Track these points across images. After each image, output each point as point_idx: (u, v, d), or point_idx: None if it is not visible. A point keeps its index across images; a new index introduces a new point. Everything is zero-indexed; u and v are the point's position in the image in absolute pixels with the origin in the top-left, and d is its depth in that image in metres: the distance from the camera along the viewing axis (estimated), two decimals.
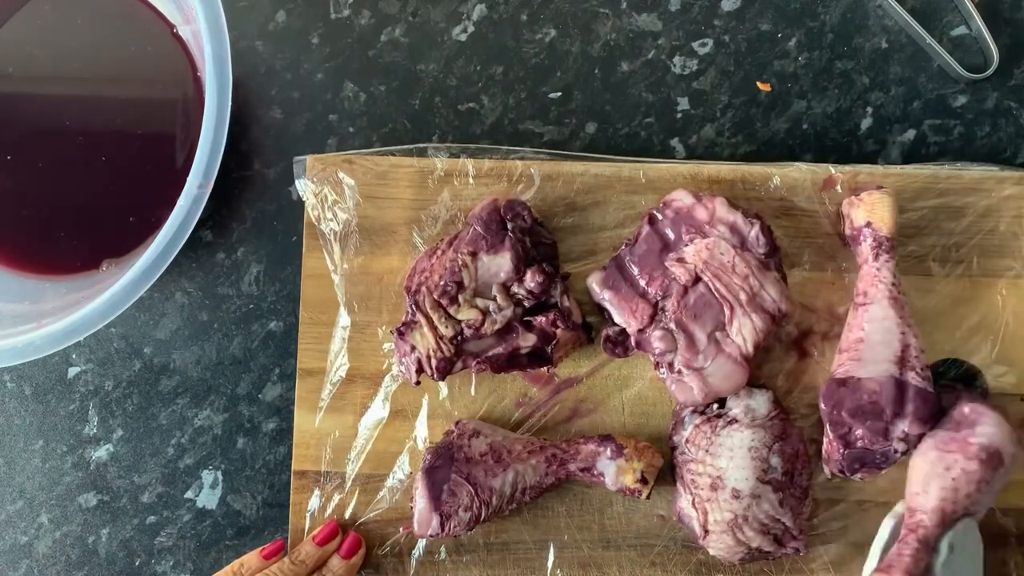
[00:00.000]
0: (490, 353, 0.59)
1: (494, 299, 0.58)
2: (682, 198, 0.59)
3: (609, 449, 0.58)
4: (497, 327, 0.58)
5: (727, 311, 0.57)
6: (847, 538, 0.60)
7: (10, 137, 0.65)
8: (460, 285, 0.58)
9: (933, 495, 0.54)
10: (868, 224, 0.58)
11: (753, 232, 0.58)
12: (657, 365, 0.59)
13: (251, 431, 0.65)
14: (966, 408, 0.55)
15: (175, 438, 0.66)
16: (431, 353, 0.58)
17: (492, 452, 0.58)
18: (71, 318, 0.57)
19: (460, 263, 0.58)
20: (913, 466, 0.56)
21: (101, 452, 0.66)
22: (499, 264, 0.58)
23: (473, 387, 0.62)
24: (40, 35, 0.65)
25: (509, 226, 0.59)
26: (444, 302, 0.58)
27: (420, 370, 0.58)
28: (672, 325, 0.58)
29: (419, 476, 0.58)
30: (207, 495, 0.65)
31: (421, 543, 0.61)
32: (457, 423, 0.60)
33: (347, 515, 0.61)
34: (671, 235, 0.59)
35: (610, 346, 0.61)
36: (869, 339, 0.57)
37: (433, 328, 0.58)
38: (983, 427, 0.54)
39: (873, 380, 0.56)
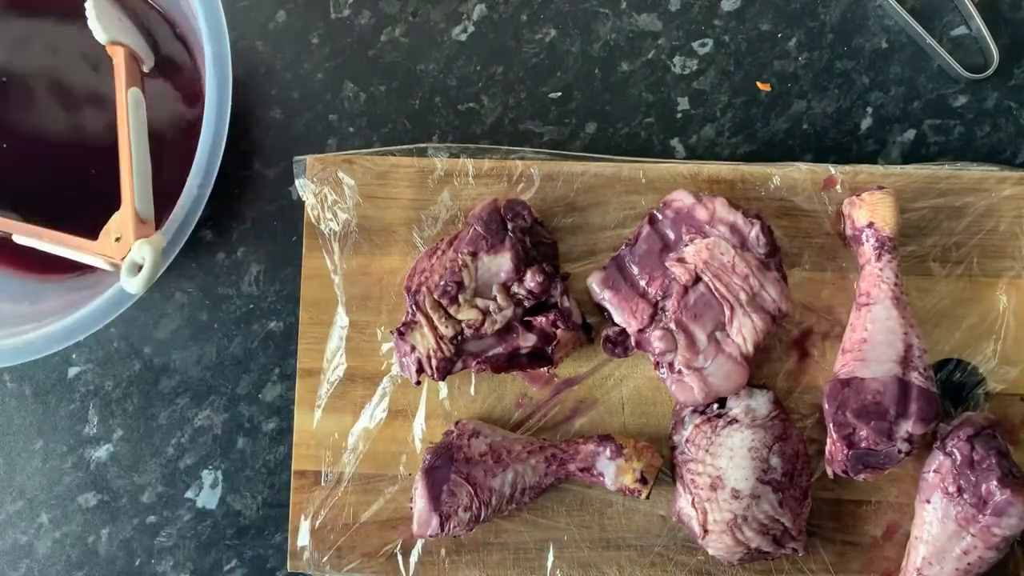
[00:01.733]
0: (490, 353, 0.58)
1: (494, 299, 0.58)
2: (682, 198, 0.59)
3: (608, 449, 0.58)
4: (497, 327, 0.58)
5: (727, 311, 0.57)
6: (846, 538, 0.60)
7: (9, 136, 0.65)
8: (460, 285, 0.58)
9: (946, 571, 0.56)
10: (870, 224, 0.58)
11: (753, 232, 0.58)
12: (657, 365, 0.59)
13: (251, 431, 0.65)
14: (999, 493, 0.54)
15: (175, 438, 0.66)
16: (431, 353, 0.58)
17: (492, 452, 0.58)
18: (71, 318, 0.57)
19: (460, 263, 0.58)
20: (926, 524, 0.57)
21: (101, 452, 0.66)
22: (499, 264, 0.58)
23: (473, 387, 0.62)
24: (40, 34, 0.65)
25: (509, 226, 0.59)
26: (444, 302, 0.58)
27: (420, 370, 0.58)
28: (672, 325, 0.58)
29: (419, 476, 0.58)
30: (207, 495, 0.65)
31: (421, 543, 0.61)
32: (457, 423, 0.60)
33: (347, 515, 0.61)
34: (671, 235, 0.59)
35: (610, 346, 0.61)
36: (872, 339, 0.57)
37: (433, 328, 0.58)
38: (1009, 519, 0.54)
39: (877, 380, 0.56)
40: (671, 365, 0.58)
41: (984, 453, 0.55)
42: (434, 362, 0.58)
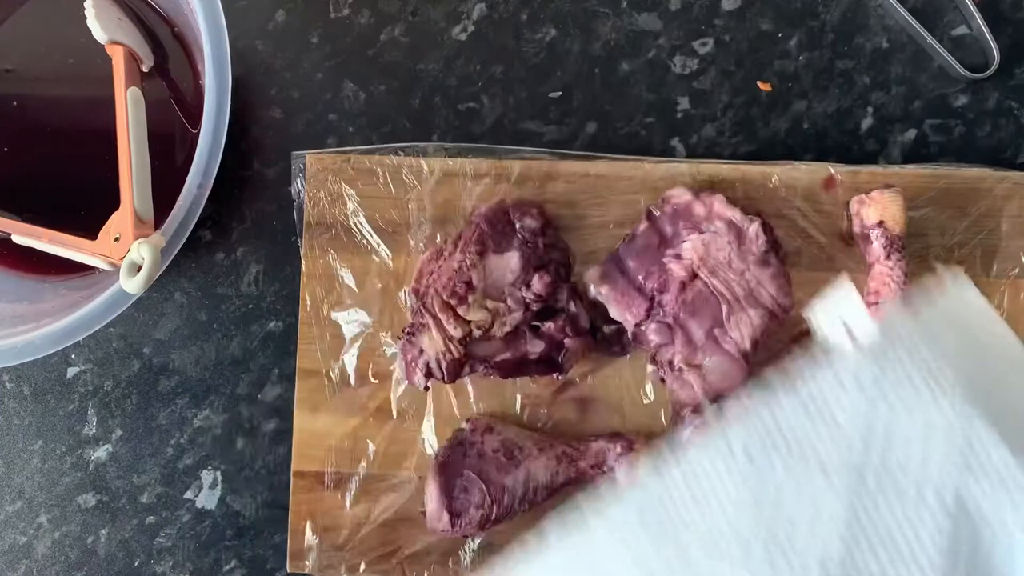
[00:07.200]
0: (498, 359, 0.58)
1: (504, 301, 0.58)
2: (680, 194, 0.59)
3: (619, 446, 0.58)
4: (507, 329, 0.58)
5: (724, 307, 0.57)
6: None
7: (9, 136, 0.65)
8: (469, 285, 0.58)
9: None
10: (880, 223, 0.58)
11: (753, 228, 0.58)
12: (656, 363, 0.59)
13: (251, 431, 0.65)
14: None
15: (174, 438, 0.66)
16: (440, 356, 0.58)
17: (504, 449, 0.58)
18: (71, 318, 0.57)
19: (469, 263, 0.58)
20: None
21: (100, 452, 0.66)
22: (507, 265, 0.58)
23: (479, 388, 0.62)
24: (40, 33, 0.65)
25: (517, 226, 0.59)
26: (453, 302, 0.58)
27: (429, 374, 0.58)
28: (669, 320, 0.58)
29: (431, 472, 0.58)
30: (207, 495, 0.65)
31: (423, 544, 0.61)
32: (469, 419, 0.60)
33: (349, 517, 0.61)
34: (669, 231, 0.59)
35: (607, 345, 0.61)
36: None
37: (442, 329, 0.58)
38: None
39: None
40: (671, 364, 0.58)
41: None
42: (444, 364, 0.57)
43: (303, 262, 0.63)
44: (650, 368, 0.61)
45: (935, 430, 0.46)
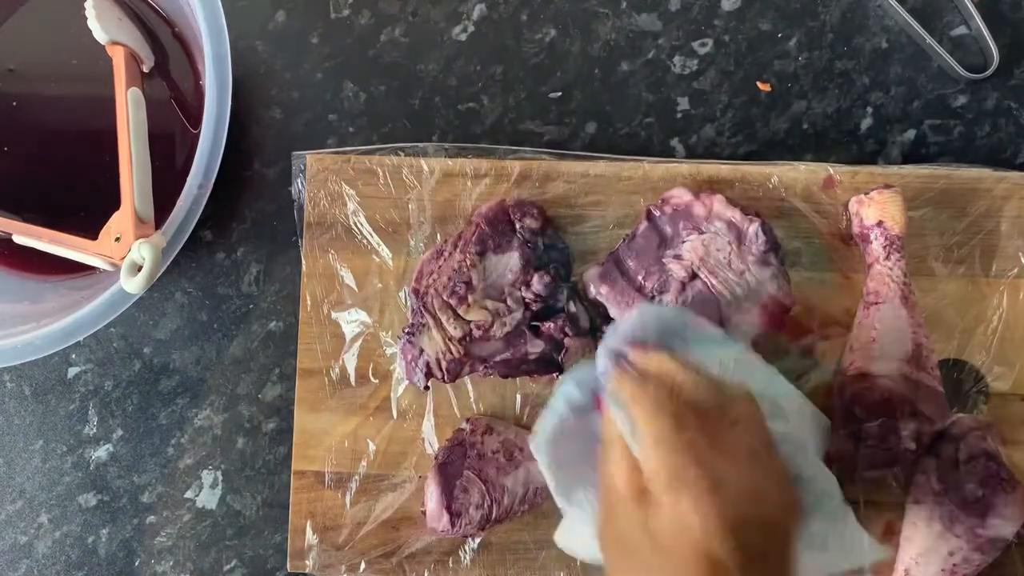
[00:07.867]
0: (498, 358, 0.58)
1: (503, 301, 0.58)
2: (680, 195, 0.59)
3: None
4: (506, 329, 0.58)
5: (724, 308, 0.57)
6: None
7: (10, 136, 0.65)
8: (469, 285, 0.58)
9: (932, 572, 0.56)
10: (879, 223, 0.58)
11: (752, 228, 0.58)
12: None
13: (251, 431, 0.65)
14: (981, 494, 0.54)
15: (175, 438, 0.66)
16: (440, 355, 0.58)
17: (504, 449, 0.58)
18: (71, 318, 0.57)
19: (468, 263, 0.58)
20: (914, 524, 0.57)
21: (101, 452, 0.66)
22: (507, 265, 0.58)
23: (479, 388, 0.62)
24: (41, 33, 0.65)
25: (517, 227, 0.59)
26: (453, 302, 0.58)
27: (430, 374, 0.58)
28: None
29: (431, 472, 0.58)
30: (207, 495, 0.65)
31: (422, 543, 0.61)
32: (469, 419, 0.60)
33: (349, 517, 0.61)
34: (668, 231, 0.59)
35: None
36: (882, 338, 0.57)
37: (442, 329, 0.58)
38: (992, 520, 0.54)
39: (886, 378, 0.56)
40: None
41: (970, 454, 0.55)
42: (444, 364, 0.58)
43: (303, 262, 0.63)
44: None
45: None
